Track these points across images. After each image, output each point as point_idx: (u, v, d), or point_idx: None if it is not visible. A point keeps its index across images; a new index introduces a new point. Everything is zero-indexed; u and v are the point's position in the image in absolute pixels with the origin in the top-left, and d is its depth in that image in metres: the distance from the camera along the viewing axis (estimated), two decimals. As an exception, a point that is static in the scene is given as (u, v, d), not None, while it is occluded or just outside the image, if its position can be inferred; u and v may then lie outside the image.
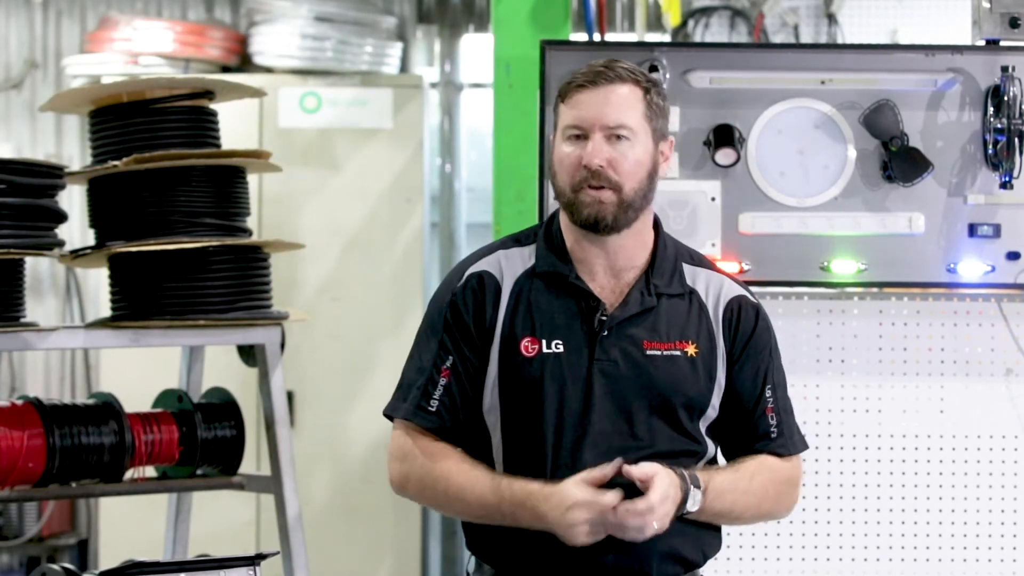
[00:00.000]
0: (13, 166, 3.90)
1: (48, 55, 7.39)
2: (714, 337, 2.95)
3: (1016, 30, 3.98)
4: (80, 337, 4.21)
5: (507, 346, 2.91)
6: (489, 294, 2.94)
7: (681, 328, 2.93)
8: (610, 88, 2.88)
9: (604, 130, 2.86)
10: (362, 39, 6.74)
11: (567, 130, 2.90)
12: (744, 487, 2.91)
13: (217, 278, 4.10)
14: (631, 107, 2.88)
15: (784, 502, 3.02)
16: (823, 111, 3.98)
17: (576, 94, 2.90)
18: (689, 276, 2.99)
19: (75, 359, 7.36)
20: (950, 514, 4.11)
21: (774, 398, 2.99)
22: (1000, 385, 4.11)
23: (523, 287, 2.94)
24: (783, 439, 3.00)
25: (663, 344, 2.91)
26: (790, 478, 3.01)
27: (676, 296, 2.95)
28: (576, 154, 2.87)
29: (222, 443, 4.20)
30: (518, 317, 2.92)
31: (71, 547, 7.25)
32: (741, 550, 4.11)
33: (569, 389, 2.88)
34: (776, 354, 3.04)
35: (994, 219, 3.98)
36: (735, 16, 5.99)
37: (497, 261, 2.98)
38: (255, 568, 2.89)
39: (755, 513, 2.98)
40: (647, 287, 2.93)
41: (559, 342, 2.90)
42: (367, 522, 6.50)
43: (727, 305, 2.97)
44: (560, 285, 2.94)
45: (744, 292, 3.02)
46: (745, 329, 2.97)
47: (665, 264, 2.97)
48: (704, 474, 2.86)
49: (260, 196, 6.31)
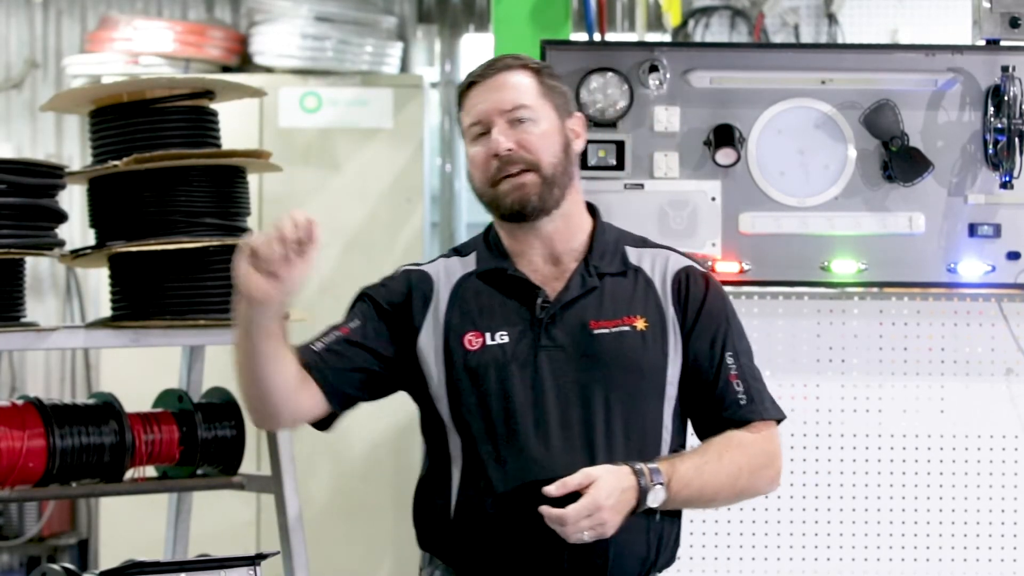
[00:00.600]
0: (13, 166, 3.90)
1: (48, 55, 7.40)
2: (663, 310, 2.90)
3: (1016, 30, 3.98)
4: (80, 337, 4.21)
5: (450, 344, 2.89)
6: (417, 288, 2.93)
7: (628, 303, 2.89)
8: (498, 77, 2.90)
9: (503, 116, 2.86)
10: (362, 39, 6.74)
11: (471, 130, 2.91)
12: (713, 469, 2.82)
13: (217, 278, 4.09)
14: (524, 89, 2.89)
15: (762, 476, 2.91)
16: (823, 111, 3.98)
17: (468, 96, 2.92)
18: (634, 256, 2.96)
19: (75, 359, 7.36)
20: (950, 514, 4.11)
21: (737, 365, 2.91)
22: (1000, 385, 4.11)
23: (462, 288, 2.93)
24: (754, 405, 2.90)
25: (610, 321, 2.87)
26: (765, 450, 2.91)
27: (619, 275, 2.92)
28: (484, 149, 2.87)
29: (222, 443, 4.20)
30: (459, 314, 2.90)
31: (71, 547, 7.25)
32: (741, 550, 4.11)
33: (516, 378, 2.84)
34: (735, 321, 2.97)
35: (994, 219, 3.98)
36: (735, 16, 6.00)
37: (436, 266, 2.99)
38: (255, 568, 2.89)
39: (731, 493, 2.88)
40: (587, 269, 2.91)
41: (503, 333, 2.87)
42: (367, 522, 6.51)
43: (675, 276, 2.93)
44: (500, 280, 2.92)
45: (692, 263, 2.98)
46: (695, 297, 2.92)
47: (605, 246, 2.94)
48: (667, 464, 2.79)
49: (260, 196, 6.32)
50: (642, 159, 3.95)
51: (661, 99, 3.95)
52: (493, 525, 2.82)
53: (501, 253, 2.95)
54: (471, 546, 2.86)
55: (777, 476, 2.95)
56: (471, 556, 2.87)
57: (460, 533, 2.87)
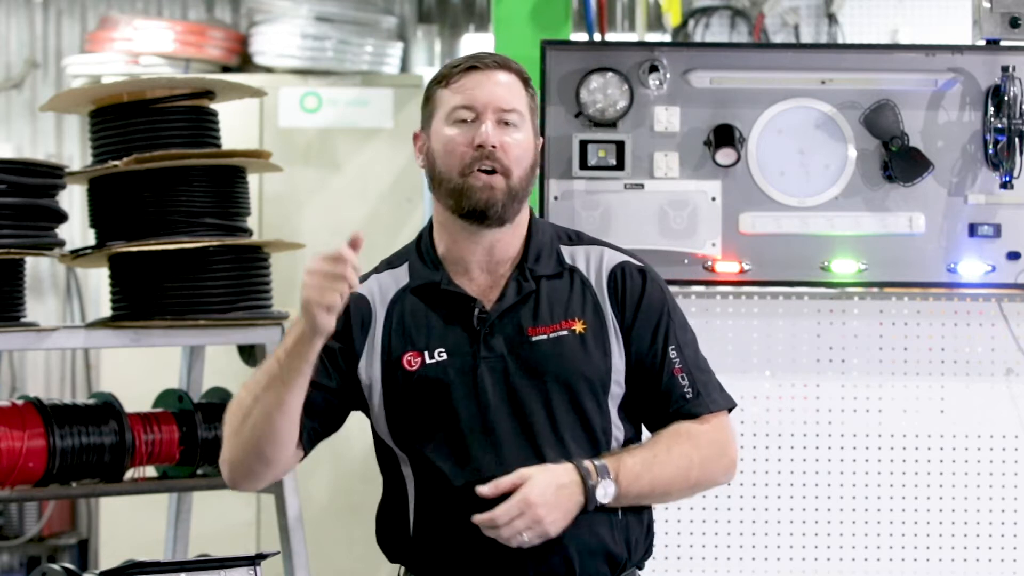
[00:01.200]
0: (13, 166, 3.91)
1: (49, 55, 7.40)
2: (601, 309, 2.85)
3: (1016, 30, 3.98)
4: (80, 337, 4.22)
5: (389, 366, 2.83)
6: (355, 312, 2.84)
7: (564, 307, 2.84)
8: (497, 73, 2.83)
9: (497, 113, 2.80)
10: (362, 39, 6.74)
11: (455, 112, 2.80)
12: (662, 461, 2.78)
13: (217, 278, 4.10)
14: (518, 95, 2.83)
15: (715, 466, 2.86)
16: (823, 111, 3.98)
17: (463, 77, 2.82)
18: (568, 255, 2.90)
19: (75, 359, 7.36)
20: (950, 514, 4.11)
21: (681, 358, 2.86)
22: (1000, 385, 4.10)
23: (398, 306, 2.86)
24: (700, 399, 2.85)
25: (547, 327, 2.82)
26: (715, 440, 2.86)
27: (555, 277, 2.86)
28: (466, 136, 2.79)
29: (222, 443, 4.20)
30: (396, 336, 2.84)
31: (71, 547, 7.25)
32: (741, 550, 4.11)
33: (459, 394, 2.79)
34: (676, 313, 2.91)
35: (994, 219, 3.97)
36: (735, 16, 6.00)
37: (369, 285, 2.91)
38: (255, 568, 2.89)
39: (684, 485, 2.83)
40: (523, 273, 2.85)
41: (441, 350, 2.81)
42: (367, 522, 6.44)
43: (610, 273, 2.88)
44: (434, 295, 2.85)
45: (627, 258, 2.92)
46: (632, 293, 2.87)
47: (540, 248, 2.88)
48: (613, 460, 2.76)
49: (260, 196, 6.32)
50: (642, 159, 3.95)
51: (661, 99, 3.95)
52: (453, 543, 2.79)
53: (434, 263, 2.87)
54: (434, 563, 2.83)
55: (732, 465, 2.90)
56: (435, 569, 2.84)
57: (422, 552, 2.84)
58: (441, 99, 2.85)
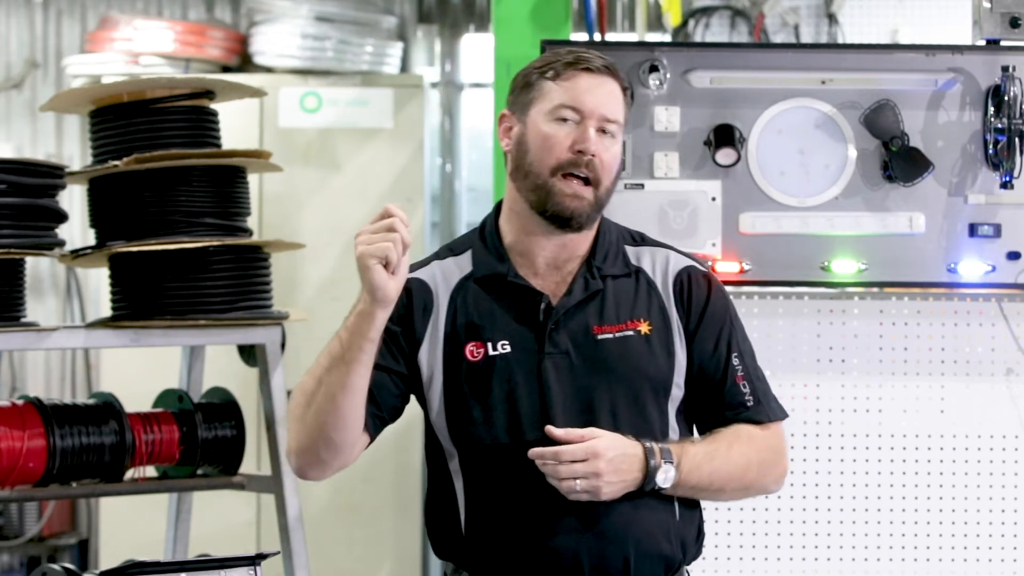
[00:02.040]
0: (14, 166, 3.91)
1: (49, 55, 7.39)
2: (667, 312, 2.85)
3: (1016, 30, 3.98)
4: (81, 337, 4.22)
5: (452, 355, 2.82)
6: (417, 298, 2.84)
7: (631, 307, 2.84)
8: (608, 79, 2.80)
9: (601, 121, 2.78)
10: (362, 39, 6.74)
11: (560, 110, 2.77)
12: (723, 456, 2.79)
13: (218, 278, 4.10)
14: (622, 108, 2.82)
15: (770, 473, 2.87)
16: (824, 111, 3.98)
17: (574, 76, 2.78)
18: (633, 256, 2.90)
19: (76, 359, 7.36)
20: (950, 514, 4.11)
21: (743, 366, 2.87)
22: (1001, 385, 4.11)
23: (462, 295, 2.85)
24: (760, 407, 2.86)
25: (613, 326, 2.81)
26: (772, 446, 2.86)
27: (622, 276, 2.86)
28: (567, 137, 2.77)
29: (223, 443, 4.20)
30: (459, 324, 2.82)
31: (71, 547, 7.25)
32: (742, 550, 4.11)
33: (521, 389, 2.78)
34: (737, 322, 2.91)
35: (994, 219, 3.98)
36: (735, 16, 5.99)
37: (431, 271, 2.90)
38: (256, 568, 2.88)
39: (739, 485, 2.84)
40: (590, 271, 2.84)
41: (505, 342, 2.80)
42: (368, 522, 6.50)
43: (676, 277, 2.87)
44: (499, 286, 2.83)
45: (692, 262, 2.92)
46: (699, 298, 2.87)
47: (607, 247, 2.87)
48: (677, 447, 2.76)
49: (260, 196, 6.31)
50: (642, 159, 3.95)
51: (661, 99, 3.95)
52: (507, 538, 2.78)
53: (499, 254, 2.87)
54: (487, 558, 2.82)
55: (784, 474, 2.92)
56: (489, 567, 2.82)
57: (474, 547, 2.83)
58: (546, 91, 2.80)
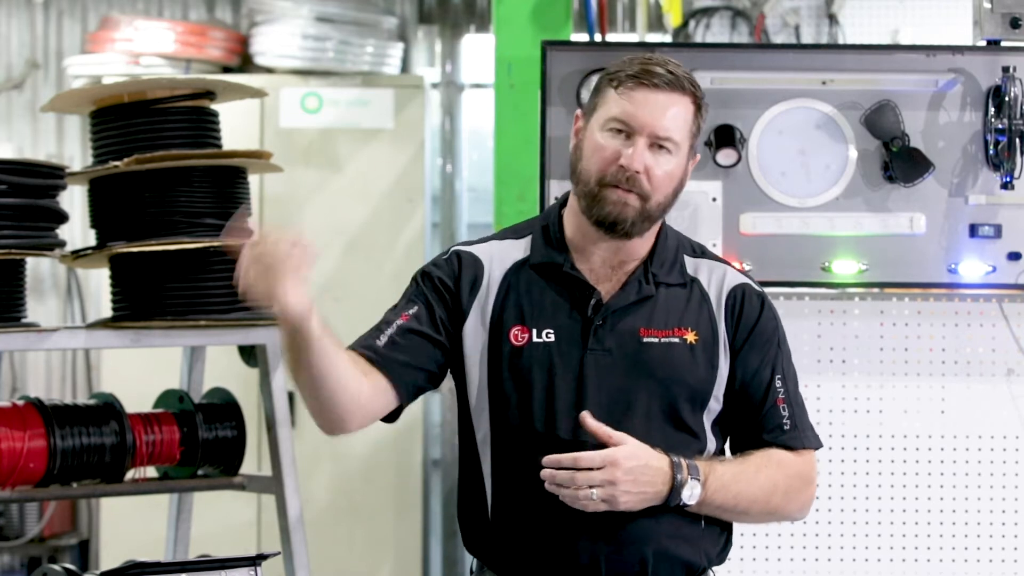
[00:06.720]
0: (14, 166, 3.91)
1: (49, 55, 7.39)
2: (715, 324, 2.85)
3: (1017, 30, 3.98)
4: (81, 337, 4.21)
5: (495, 335, 2.82)
6: (467, 271, 2.86)
7: (680, 315, 2.84)
8: (669, 96, 2.78)
9: (651, 137, 2.76)
10: (363, 39, 6.74)
11: (611, 122, 2.77)
12: (750, 478, 2.78)
13: (218, 278, 4.10)
14: (683, 120, 2.79)
15: (796, 499, 2.86)
16: (824, 111, 3.98)
17: (634, 89, 2.77)
18: (691, 267, 2.90)
19: (76, 359, 7.36)
20: (951, 514, 4.11)
21: (785, 390, 2.87)
22: (1001, 385, 4.11)
23: (514, 277, 2.86)
24: (796, 432, 2.86)
25: (661, 331, 2.82)
26: (801, 473, 2.86)
27: (677, 285, 2.86)
28: (615, 149, 2.76)
29: (223, 443, 4.20)
30: (508, 306, 2.83)
31: (72, 547, 7.25)
32: (742, 550, 4.11)
33: (560, 379, 2.78)
34: (785, 346, 2.92)
35: (995, 219, 3.98)
36: (736, 16, 5.99)
37: (488, 249, 2.90)
38: (256, 568, 2.89)
39: (763, 508, 2.83)
40: (646, 276, 2.84)
41: (550, 331, 2.81)
42: (368, 522, 6.51)
43: (730, 293, 2.87)
44: (554, 275, 2.85)
45: (748, 280, 2.92)
46: (749, 317, 2.87)
47: (666, 254, 2.88)
48: (705, 464, 2.75)
49: (261, 196, 6.32)
50: (643, 159, 3.95)
51: (662, 99, 3.95)
52: (531, 529, 2.79)
53: (560, 245, 2.87)
54: (510, 547, 2.82)
55: (809, 503, 2.90)
56: (511, 558, 2.83)
57: (499, 536, 2.83)
58: (606, 99, 2.80)
